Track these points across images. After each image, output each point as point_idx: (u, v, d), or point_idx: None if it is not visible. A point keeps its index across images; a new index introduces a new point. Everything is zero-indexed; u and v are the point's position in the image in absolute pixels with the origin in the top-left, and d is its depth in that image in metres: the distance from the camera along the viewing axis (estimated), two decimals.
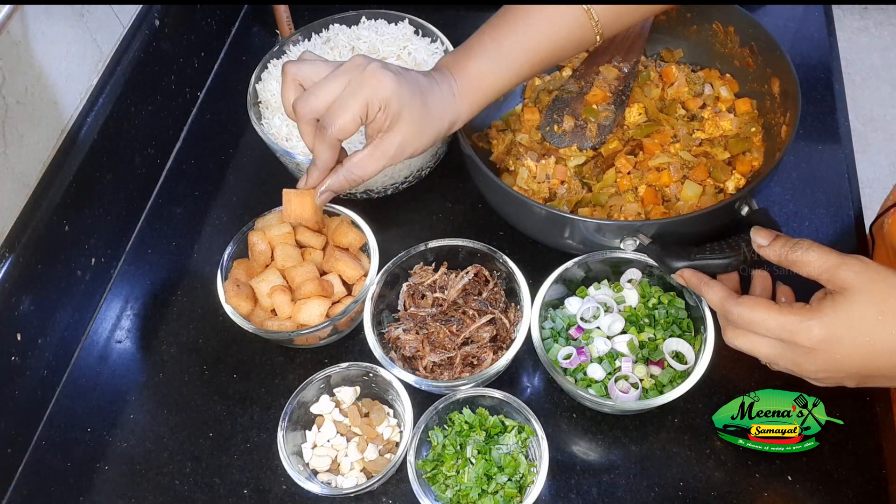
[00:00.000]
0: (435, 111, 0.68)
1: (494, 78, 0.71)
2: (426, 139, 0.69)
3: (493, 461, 0.68)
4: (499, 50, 0.70)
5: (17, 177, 0.77)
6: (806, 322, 0.57)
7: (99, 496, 0.75)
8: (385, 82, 0.64)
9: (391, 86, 0.64)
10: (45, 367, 0.80)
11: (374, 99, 0.64)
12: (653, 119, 0.86)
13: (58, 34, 0.82)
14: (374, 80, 0.64)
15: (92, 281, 0.86)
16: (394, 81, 0.65)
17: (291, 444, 0.72)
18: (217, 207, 0.94)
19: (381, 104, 0.65)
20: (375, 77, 0.64)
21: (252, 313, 0.78)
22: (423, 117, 0.67)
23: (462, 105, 0.70)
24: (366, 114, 0.65)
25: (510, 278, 0.77)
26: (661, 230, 0.71)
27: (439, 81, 0.69)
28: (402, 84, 0.65)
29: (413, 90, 0.66)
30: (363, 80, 0.64)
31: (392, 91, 0.64)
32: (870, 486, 0.68)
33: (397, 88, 0.65)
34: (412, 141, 0.68)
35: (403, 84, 0.65)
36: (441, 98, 0.69)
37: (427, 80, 0.69)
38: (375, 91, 0.64)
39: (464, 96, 0.70)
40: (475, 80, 0.70)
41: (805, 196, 0.86)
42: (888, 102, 2.23)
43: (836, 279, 0.57)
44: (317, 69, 0.68)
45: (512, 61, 0.70)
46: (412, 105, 0.66)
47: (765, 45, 0.82)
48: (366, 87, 0.64)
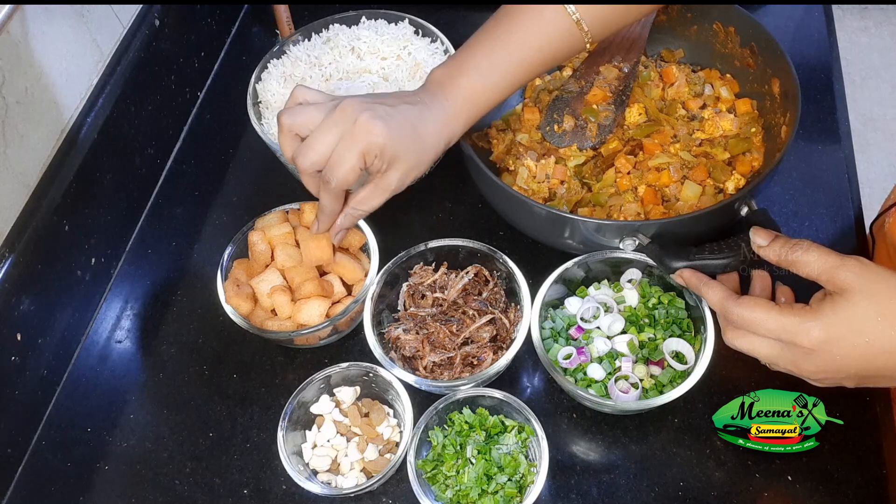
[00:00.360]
0: (429, 139, 0.70)
1: (487, 93, 0.71)
2: (424, 166, 0.71)
3: (493, 461, 0.68)
4: (490, 65, 0.71)
5: (17, 177, 0.77)
6: (805, 323, 0.57)
7: (99, 496, 0.75)
8: (376, 132, 0.66)
9: (383, 134, 0.66)
10: (45, 367, 0.80)
11: (368, 150, 0.66)
12: (653, 119, 0.86)
13: (58, 34, 0.82)
14: (366, 132, 0.66)
15: (92, 281, 0.86)
16: (384, 129, 0.66)
17: (291, 444, 0.72)
18: (217, 207, 0.94)
19: (377, 152, 0.67)
20: (366, 128, 0.66)
21: (252, 313, 0.78)
22: (419, 150, 0.69)
23: (456, 123, 0.71)
24: (363, 163, 0.67)
25: (510, 278, 0.77)
26: (660, 230, 0.71)
27: (430, 105, 0.70)
28: (393, 128, 0.67)
29: (404, 129, 0.68)
30: (355, 134, 0.66)
31: (384, 139, 0.66)
32: (870, 486, 0.68)
33: (389, 135, 0.66)
34: (411, 172, 0.70)
35: (394, 128, 0.67)
36: (434, 123, 0.70)
37: (418, 110, 0.69)
38: (369, 143, 0.66)
39: (457, 114, 0.71)
40: (468, 97, 0.71)
41: (805, 196, 0.86)
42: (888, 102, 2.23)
43: (836, 280, 0.57)
44: (310, 117, 0.69)
45: (504, 74, 0.71)
46: (406, 144, 0.68)
47: (765, 45, 0.82)
48: (359, 140, 0.66)
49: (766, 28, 0.82)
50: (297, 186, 0.92)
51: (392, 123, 0.67)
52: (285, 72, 0.93)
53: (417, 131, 0.69)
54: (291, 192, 0.92)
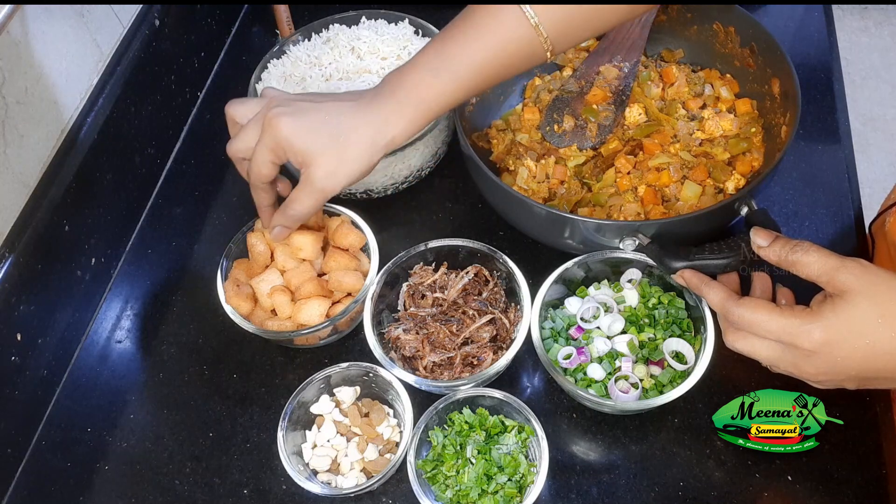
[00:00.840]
0: (355, 137, 0.67)
1: (436, 93, 0.68)
2: (352, 166, 0.67)
3: (493, 461, 0.68)
4: (442, 64, 0.67)
5: (17, 177, 0.77)
6: (806, 325, 0.57)
7: (99, 496, 0.75)
8: (280, 128, 0.66)
9: (287, 130, 0.66)
10: (45, 367, 0.80)
11: (275, 144, 0.66)
12: (653, 119, 0.86)
13: (58, 34, 0.82)
14: (271, 126, 0.66)
15: (92, 281, 0.86)
16: (289, 125, 0.66)
17: (291, 444, 0.72)
18: (217, 207, 0.94)
19: (284, 147, 0.66)
20: (272, 124, 0.66)
21: (252, 313, 0.78)
22: (338, 148, 0.66)
23: (398, 123, 0.67)
24: (275, 158, 0.68)
25: (510, 278, 0.76)
26: (660, 230, 0.71)
27: (370, 103, 0.68)
28: (303, 125, 0.66)
29: (317, 126, 0.66)
30: (264, 128, 0.67)
31: (288, 134, 0.66)
32: (870, 486, 0.68)
33: (294, 132, 0.66)
34: (336, 172, 0.67)
35: (304, 125, 0.66)
36: (366, 122, 0.67)
37: (348, 107, 0.67)
38: (274, 137, 0.66)
39: (400, 113, 0.67)
40: (415, 95, 0.67)
41: (805, 196, 0.86)
42: (888, 102, 2.23)
43: (836, 282, 0.57)
44: (247, 109, 0.70)
45: (456, 75, 0.67)
46: (319, 142, 0.66)
47: (765, 45, 0.82)
48: (266, 133, 0.67)
49: (766, 28, 0.82)
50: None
51: (302, 120, 0.66)
52: (285, 72, 0.93)
53: (339, 128, 0.66)
54: None
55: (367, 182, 0.86)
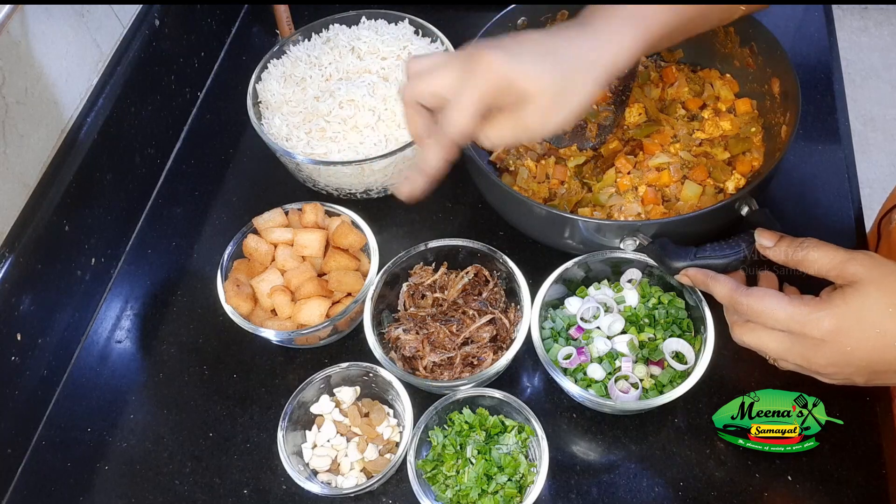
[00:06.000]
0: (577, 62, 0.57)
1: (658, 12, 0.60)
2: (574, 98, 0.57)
3: (493, 461, 0.68)
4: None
5: (17, 177, 0.77)
6: (816, 313, 0.57)
7: (99, 496, 0.75)
8: (497, 63, 0.55)
9: (506, 64, 0.55)
10: (45, 367, 0.80)
11: (490, 87, 0.56)
12: (653, 119, 0.86)
13: (58, 34, 0.82)
14: (486, 65, 0.55)
15: (92, 281, 0.86)
16: (507, 58, 0.55)
17: (291, 444, 0.72)
18: (217, 207, 0.94)
19: (502, 87, 0.56)
20: (486, 60, 0.55)
21: (252, 313, 0.78)
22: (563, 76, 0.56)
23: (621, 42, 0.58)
24: (484, 105, 0.57)
25: (510, 278, 0.76)
26: (661, 230, 0.71)
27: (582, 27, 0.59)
28: (522, 56, 0.56)
29: (536, 55, 0.57)
30: (474, 70, 0.56)
31: (508, 69, 0.55)
32: (870, 486, 0.68)
33: (515, 64, 0.55)
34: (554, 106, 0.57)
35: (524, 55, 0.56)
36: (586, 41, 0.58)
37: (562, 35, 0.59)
38: (489, 78, 0.56)
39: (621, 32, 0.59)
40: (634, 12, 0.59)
41: (805, 196, 0.86)
42: (888, 102, 2.23)
43: (846, 274, 0.57)
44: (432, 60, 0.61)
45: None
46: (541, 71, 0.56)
47: (765, 45, 0.82)
48: (477, 76, 0.56)
49: (767, 28, 0.82)
50: (297, 186, 0.93)
51: (520, 51, 0.56)
52: (285, 72, 0.93)
53: (558, 54, 0.57)
54: (291, 192, 0.92)
55: (366, 182, 0.86)
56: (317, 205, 0.82)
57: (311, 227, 0.81)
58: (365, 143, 0.85)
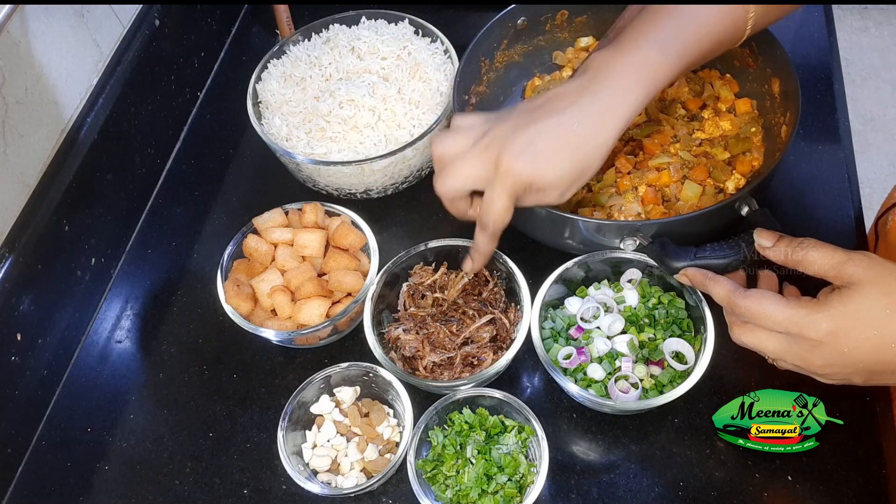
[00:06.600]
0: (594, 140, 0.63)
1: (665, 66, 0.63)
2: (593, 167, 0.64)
3: (493, 461, 0.68)
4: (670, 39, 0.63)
5: (17, 177, 0.77)
6: (814, 314, 0.57)
7: (99, 496, 0.75)
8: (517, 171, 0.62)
9: (526, 171, 0.62)
10: (45, 367, 0.80)
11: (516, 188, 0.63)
12: (653, 119, 0.86)
13: (58, 34, 0.82)
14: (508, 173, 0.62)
15: (92, 281, 0.86)
16: (528, 166, 0.62)
17: (291, 444, 0.72)
18: (217, 207, 0.94)
19: (525, 187, 0.63)
20: (508, 169, 0.62)
21: (252, 313, 0.78)
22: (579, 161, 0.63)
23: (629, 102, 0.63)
24: (517, 199, 0.64)
25: (510, 278, 0.76)
26: (661, 230, 0.71)
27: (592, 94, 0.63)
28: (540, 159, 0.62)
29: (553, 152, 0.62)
30: (500, 175, 0.63)
31: (529, 175, 0.62)
32: (870, 486, 0.68)
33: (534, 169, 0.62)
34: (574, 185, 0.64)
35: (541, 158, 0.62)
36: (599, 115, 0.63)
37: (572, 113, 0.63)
38: (514, 183, 0.63)
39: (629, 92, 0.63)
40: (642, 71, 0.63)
41: (805, 196, 0.86)
42: (888, 102, 2.23)
43: (844, 275, 0.57)
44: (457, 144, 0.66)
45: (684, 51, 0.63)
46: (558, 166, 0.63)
47: (765, 45, 0.82)
48: (504, 181, 0.63)
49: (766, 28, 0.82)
50: (296, 186, 0.93)
51: (536, 154, 0.62)
52: (285, 72, 0.93)
53: (575, 142, 0.62)
54: (291, 192, 0.92)
55: (366, 182, 0.86)
56: (317, 205, 0.82)
57: (311, 227, 0.81)
58: (365, 143, 0.85)
